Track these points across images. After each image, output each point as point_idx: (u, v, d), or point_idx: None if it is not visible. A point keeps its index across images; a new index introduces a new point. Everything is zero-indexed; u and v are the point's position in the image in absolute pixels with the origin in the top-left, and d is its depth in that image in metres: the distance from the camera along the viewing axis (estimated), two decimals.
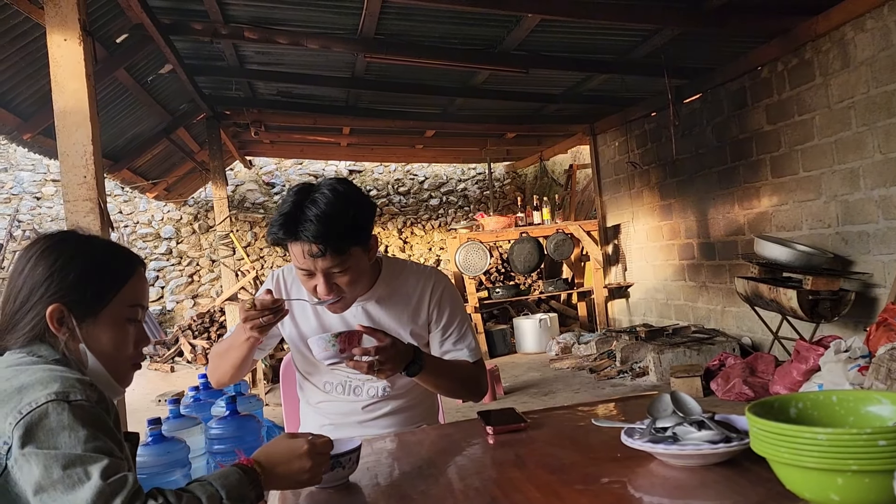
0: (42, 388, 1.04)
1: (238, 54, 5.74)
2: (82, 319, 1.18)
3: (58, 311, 1.16)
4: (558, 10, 4.56)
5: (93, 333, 1.19)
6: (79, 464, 0.98)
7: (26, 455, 0.99)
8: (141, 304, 1.26)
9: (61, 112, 2.81)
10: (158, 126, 7.21)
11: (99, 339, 1.20)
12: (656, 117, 6.96)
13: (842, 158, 4.74)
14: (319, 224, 1.52)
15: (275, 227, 1.58)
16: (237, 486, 1.09)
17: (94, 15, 4.26)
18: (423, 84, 6.50)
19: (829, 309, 4.63)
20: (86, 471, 0.97)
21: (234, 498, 1.07)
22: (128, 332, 1.24)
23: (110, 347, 1.21)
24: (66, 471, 0.97)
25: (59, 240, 1.23)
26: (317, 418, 1.85)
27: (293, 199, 1.58)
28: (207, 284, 10.07)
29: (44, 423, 1.01)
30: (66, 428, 1.01)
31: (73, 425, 1.01)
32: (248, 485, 1.11)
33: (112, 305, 1.21)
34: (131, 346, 1.25)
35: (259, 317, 1.55)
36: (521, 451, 1.38)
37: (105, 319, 1.20)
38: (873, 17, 4.36)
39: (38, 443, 0.99)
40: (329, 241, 1.54)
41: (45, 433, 1.00)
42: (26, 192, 10.19)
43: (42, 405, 1.02)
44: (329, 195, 1.56)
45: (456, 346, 1.80)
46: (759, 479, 1.07)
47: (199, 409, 3.74)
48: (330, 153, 10.00)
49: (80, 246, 1.23)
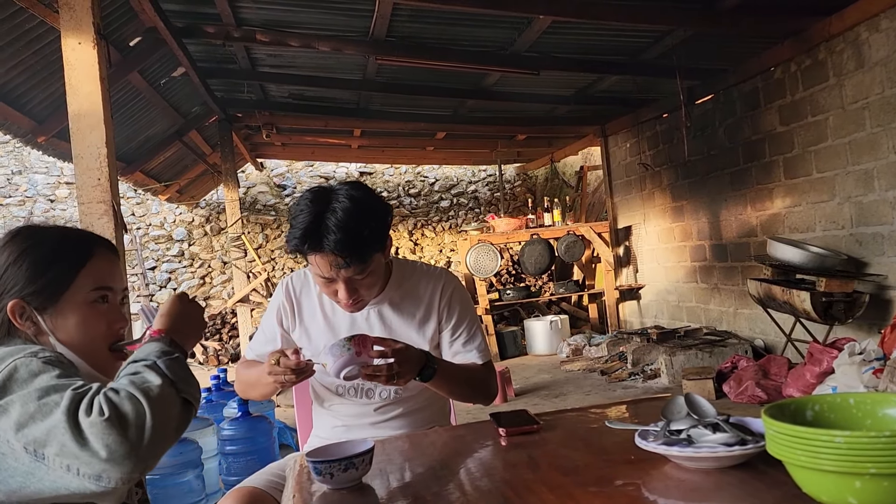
0: (10, 357, 1.05)
1: (250, 57, 5.77)
2: (43, 310, 1.18)
3: (18, 307, 1.17)
4: (569, 12, 4.55)
5: (58, 323, 1.19)
6: (53, 392, 0.99)
7: (3, 406, 0.99)
8: (106, 285, 1.25)
9: (76, 115, 2.83)
10: (171, 129, 7.26)
11: (66, 328, 1.20)
12: (668, 118, 6.93)
13: (856, 159, 4.70)
14: (343, 236, 1.52)
15: (296, 238, 1.56)
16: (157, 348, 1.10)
17: (107, 19, 4.29)
18: (434, 86, 6.50)
19: (842, 311, 4.59)
20: (60, 395, 0.98)
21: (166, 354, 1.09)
22: (96, 316, 1.23)
23: (79, 334, 1.21)
24: (41, 400, 0.98)
25: (14, 234, 1.23)
26: (329, 420, 1.86)
27: (312, 210, 1.56)
28: (219, 286, 10.12)
29: (15, 376, 1.02)
30: (39, 373, 1.02)
31: (44, 368, 1.03)
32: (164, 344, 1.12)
33: (72, 291, 1.20)
34: (103, 328, 1.24)
35: (283, 374, 1.53)
36: (533, 453, 1.38)
37: (68, 307, 1.20)
38: (888, 17, 4.33)
39: (12, 391, 1.00)
40: (354, 254, 1.54)
41: (18, 384, 1.01)
42: (40, 195, 10.27)
43: (10, 363, 1.03)
44: (349, 204, 1.55)
45: (465, 347, 1.80)
46: (776, 482, 1.06)
47: (212, 410, 3.77)
48: (341, 155, 10.03)
49: (31, 237, 1.23)
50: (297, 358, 1.52)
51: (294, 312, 1.83)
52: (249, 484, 1.69)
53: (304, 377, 1.55)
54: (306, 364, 1.52)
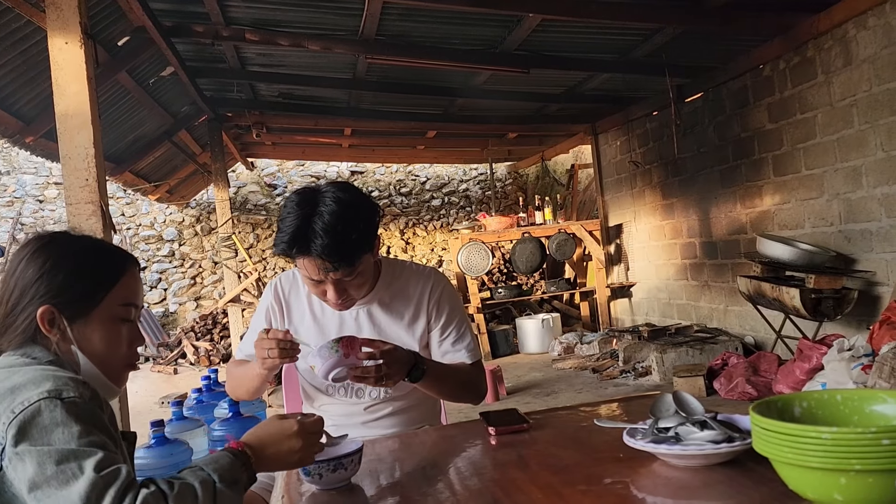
0: (34, 387, 1.04)
1: (239, 56, 5.75)
2: (73, 320, 1.18)
3: (48, 313, 1.16)
4: (559, 10, 4.55)
5: (84, 334, 1.19)
6: (72, 459, 0.97)
7: (20, 454, 0.98)
8: (134, 303, 1.25)
9: (63, 115, 2.81)
10: (160, 128, 7.23)
11: (91, 340, 1.19)
12: (658, 116, 6.95)
13: (844, 156, 4.73)
14: (330, 240, 1.51)
15: (283, 242, 1.56)
16: (229, 470, 1.09)
17: (95, 18, 4.27)
18: (425, 85, 6.50)
19: (832, 307, 4.62)
20: (80, 465, 0.97)
21: (226, 481, 1.07)
22: (120, 332, 1.23)
23: (102, 348, 1.20)
24: (59, 466, 0.97)
25: (49, 241, 1.22)
26: None
27: (299, 213, 1.55)
28: (210, 286, 10.08)
29: (36, 420, 1.00)
30: (60, 424, 1.00)
31: (66, 421, 1.01)
32: (240, 467, 1.11)
33: (103, 305, 1.20)
34: (125, 346, 1.24)
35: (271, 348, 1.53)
36: (523, 452, 1.38)
37: (96, 320, 1.19)
38: (875, 15, 4.35)
39: (32, 440, 0.99)
40: (343, 258, 1.54)
41: (38, 430, 1.00)
42: (29, 196, 10.21)
43: (34, 403, 1.01)
44: (336, 207, 1.54)
45: (454, 347, 1.80)
46: (763, 478, 1.07)
47: (203, 411, 3.75)
48: (331, 154, 10.01)
49: (69, 246, 1.23)
50: (285, 332, 1.53)
51: (283, 313, 1.82)
52: None
53: (290, 357, 1.55)
54: (293, 342, 1.53)
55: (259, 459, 1.16)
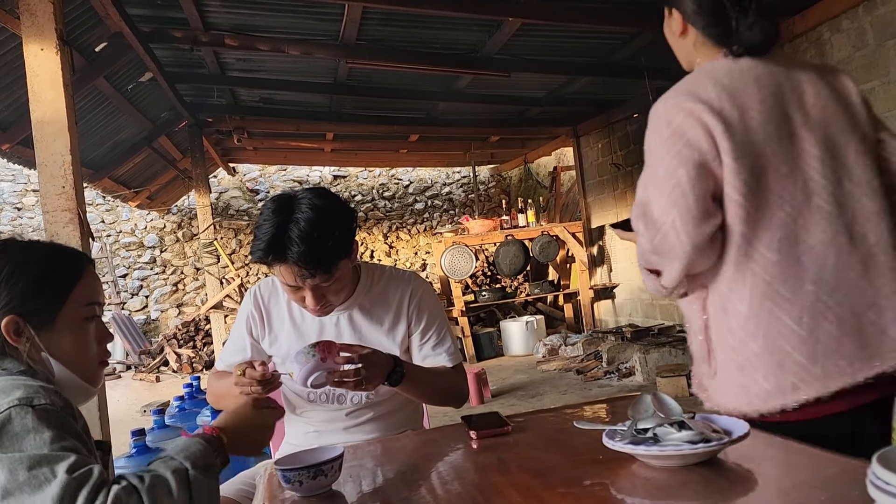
0: (4, 396, 1.03)
1: (219, 61, 5.72)
2: (39, 327, 1.17)
3: (13, 323, 1.14)
4: (539, 15, 4.58)
5: (53, 339, 1.18)
6: (45, 463, 0.97)
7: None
8: (96, 301, 1.25)
9: (39, 122, 2.79)
10: (140, 134, 7.17)
11: (60, 344, 1.18)
12: (639, 119, 7.01)
13: None
14: (307, 247, 1.51)
15: (259, 250, 1.55)
16: (201, 456, 1.08)
17: (72, 24, 4.23)
18: (406, 89, 6.51)
19: None
20: (52, 469, 0.96)
21: (200, 468, 1.06)
22: (88, 332, 1.22)
23: (73, 350, 1.20)
24: (31, 471, 0.96)
25: (2, 249, 1.20)
26: (301, 426, 1.85)
27: (275, 220, 1.55)
28: (192, 293, 10.01)
29: (7, 428, 0.99)
30: (31, 430, 0.99)
31: (37, 427, 1.00)
32: (213, 453, 1.11)
33: (67, 308, 1.19)
34: (94, 345, 1.23)
35: (248, 386, 1.51)
36: (504, 455, 1.38)
37: (63, 323, 1.19)
38: (849, 18, 4.42)
39: (3, 448, 0.98)
40: (319, 264, 1.54)
41: (9, 438, 0.99)
42: (7, 203, 10.09)
43: (5, 411, 1.01)
44: (312, 214, 1.54)
45: (435, 351, 1.80)
46: (739, 477, 1.08)
47: (185, 419, 3.72)
48: (314, 159, 9.99)
49: (23, 254, 1.21)
50: (263, 369, 1.51)
51: (263, 321, 1.81)
52: (220, 493, 1.67)
53: (271, 389, 1.53)
54: (272, 375, 1.51)
55: (232, 443, 1.17)
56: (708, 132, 1.31)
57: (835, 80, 1.43)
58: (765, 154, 1.32)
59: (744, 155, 1.30)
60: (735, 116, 1.32)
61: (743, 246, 1.31)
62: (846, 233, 1.31)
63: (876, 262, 1.31)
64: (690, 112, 1.34)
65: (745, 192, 1.30)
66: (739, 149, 1.30)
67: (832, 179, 1.33)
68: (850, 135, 1.37)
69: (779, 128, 1.34)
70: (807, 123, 1.36)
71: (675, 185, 1.31)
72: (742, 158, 1.30)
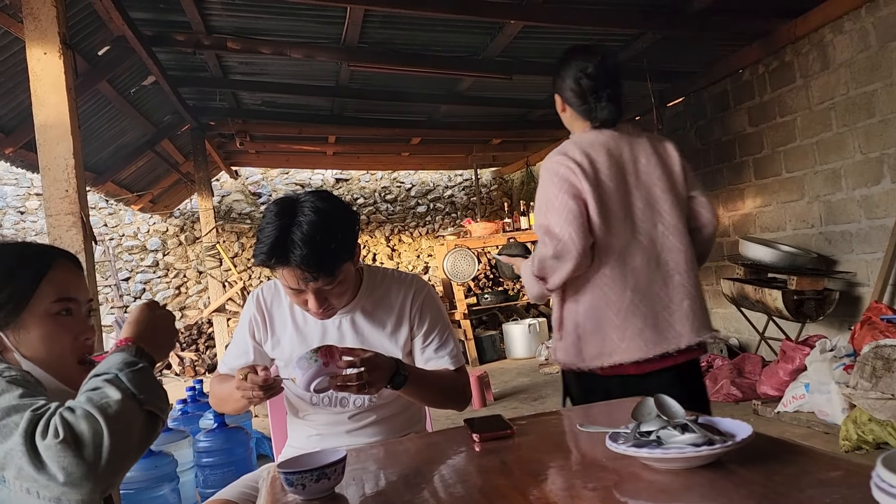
0: None
1: (221, 65, 5.73)
2: (5, 326, 1.17)
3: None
4: (540, 17, 4.58)
5: (22, 339, 1.18)
6: (14, 412, 0.98)
7: None
8: (69, 297, 1.24)
9: (42, 126, 2.79)
10: (142, 138, 7.18)
11: (30, 343, 1.18)
12: (640, 121, 7.00)
13: (823, 159, 4.78)
14: (309, 250, 1.51)
15: (262, 253, 1.55)
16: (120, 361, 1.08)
17: (75, 28, 4.24)
18: (408, 92, 6.51)
19: (813, 308, 4.66)
20: (21, 415, 0.97)
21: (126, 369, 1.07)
22: (60, 328, 1.22)
23: (44, 348, 1.19)
24: (1, 422, 0.97)
25: None
26: (304, 429, 1.85)
27: (278, 223, 1.55)
28: (195, 296, 10.02)
29: None
30: (3, 392, 1.01)
31: (6, 388, 1.02)
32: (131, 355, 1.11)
33: (32, 306, 1.19)
34: (68, 340, 1.22)
35: (250, 391, 1.52)
36: (506, 458, 1.38)
37: (30, 321, 1.19)
38: (851, 20, 4.42)
39: None
40: (322, 267, 1.54)
41: None
42: (10, 207, 10.10)
43: None
44: (314, 217, 1.54)
45: (437, 353, 1.80)
46: (743, 480, 1.08)
47: (187, 422, 3.72)
48: (316, 162, 9.99)
49: None
50: (264, 374, 1.51)
51: (266, 324, 1.81)
52: (223, 496, 1.67)
53: (273, 394, 1.53)
54: (274, 381, 1.51)
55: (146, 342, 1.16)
56: (578, 181, 1.95)
57: (662, 150, 2.09)
58: (609, 202, 1.97)
59: (597, 200, 1.94)
60: (592, 173, 1.97)
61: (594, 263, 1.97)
62: (655, 260, 1.99)
63: (673, 280, 1.99)
64: (567, 167, 1.99)
65: (599, 226, 1.95)
66: (595, 195, 1.94)
67: (650, 223, 2.01)
68: (666, 193, 2.03)
69: (618, 185, 1.99)
70: (637, 183, 2.03)
71: (568, 211, 1.93)
72: (596, 203, 1.94)
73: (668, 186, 2.04)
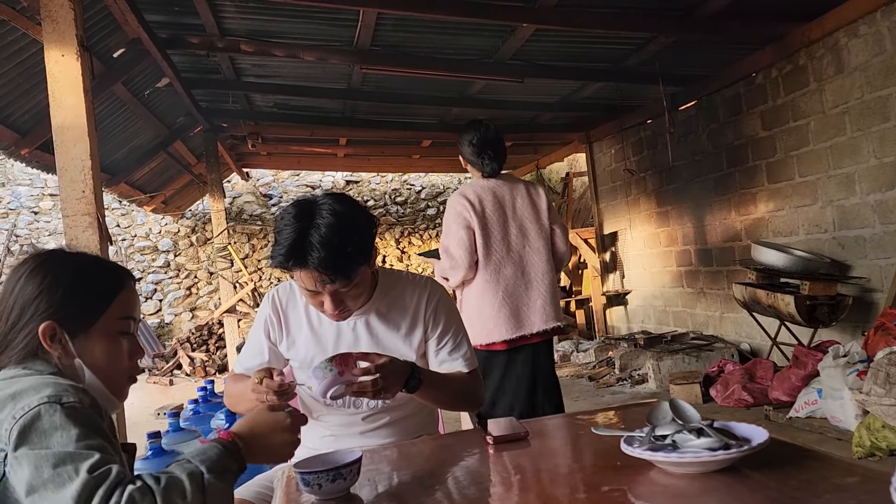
0: (35, 393, 1.05)
1: (234, 67, 5.77)
2: (74, 335, 1.19)
3: (49, 329, 1.17)
4: (552, 20, 4.58)
5: (86, 348, 1.20)
6: (69, 461, 0.98)
7: (19, 457, 0.99)
8: (132, 316, 1.27)
9: (59, 127, 2.82)
10: (156, 139, 7.24)
11: (93, 354, 1.21)
12: (652, 124, 6.99)
13: (837, 163, 4.76)
14: (327, 253, 1.51)
15: (280, 255, 1.56)
16: (218, 460, 1.10)
17: (91, 30, 4.28)
18: (419, 94, 6.52)
19: (826, 314, 4.63)
20: (76, 468, 0.98)
21: (216, 472, 1.08)
22: (121, 345, 1.24)
23: (104, 361, 1.22)
24: (56, 469, 0.98)
25: (46, 258, 1.23)
26: (318, 430, 1.85)
27: (296, 226, 1.55)
28: (206, 297, 10.07)
29: (36, 425, 1.01)
30: (59, 428, 1.01)
31: (65, 425, 1.02)
32: (230, 457, 1.12)
33: (103, 320, 1.22)
34: (126, 359, 1.25)
35: (265, 395, 1.52)
36: (520, 461, 1.38)
37: (97, 334, 1.21)
38: (866, 23, 4.40)
39: (31, 444, 1.00)
40: (339, 270, 1.54)
41: (37, 435, 1.01)
42: (24, 207, 10.19)
43: (35, 408, 1.03)
44: (332, 220, 1.55)
45: (451, 356, 1.81)
46: (759, 485, 1.08)
47: (199, 422, 3.73)
48: (327, 164, 10.03)
49: (67, 263, 1.24)
50: (280, 380, 1.52)
51: (281, 324, 1.82)
52: (237, 496, 1.68)
53: (287, 399, 1.54)
54: (289, 386, 1.52)
55: (249, 450, 1.17)
56: (469, 216, 2.84)
57: (535, 193, 2.97)
58: (491, 230, 2.87)
59: (482, 229, 2.85)
60: (480, 210, 2.86)
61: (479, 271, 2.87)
62: (521, 271, 2.89)
63: (532, 286, 2.89)
64: (462, 205, 2.86)
65: (482, 246, 2.85)
66: (481, 225, 2.85)
67: (520, 246, 2.90)
68: (534, 224, 2.93)
69: (498, 218, 2.89)
70: (513, 217, 2.91)
71: (460, 238, 2.84)
72: (481, 230, 2.85)
73: (536, 220, 2.93)
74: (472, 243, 2.82)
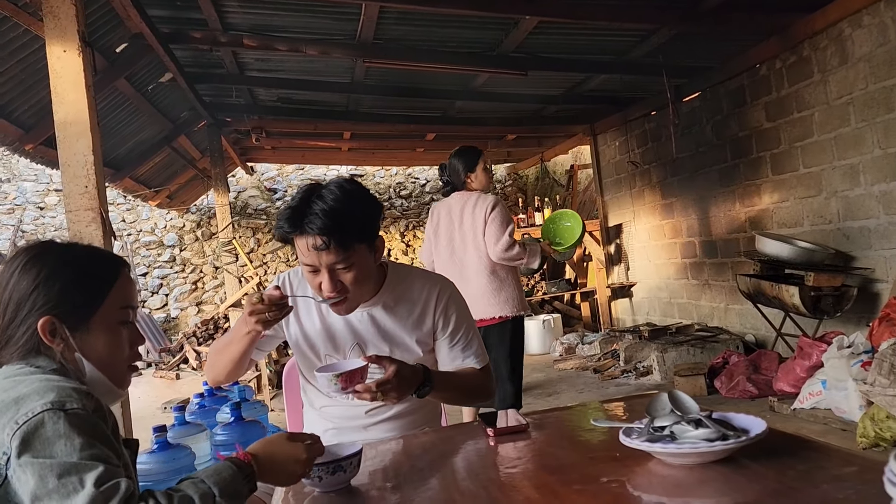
0: (38, 398, 1.04)
1: (238, 62, 5.76)
2: (75, 328, 1.19)
3: (49, 324, 1.16)
4: (556, 12, 4.57)
5: (87, 341, 1.20)
6: (74, 472, 0.98)
7: (23, 465, 0.99)
8: (130, 305, 1.27)
9: (62, 123, 2.83)
10: (159, 134, 7.25)
11: (94, 346, 1.20)
12: (656, 116, 6.97)
13: (842, 154, 4.74)
14: (325, 217, 1.55)
15: (281, 220, 1.61)
16: (230, 482, 1.10)
17: (93, 26, 4.29)
18: (423, 88, 6.51)
19: (831, 305, 4.63)
20: (80, 479, 0.98)
21: (227, 494, 1.08)
22: (121, 335, 1.24)
23: (106, 352, 1.22)
24: (61, 480, 0.97)
25: (39, 251, 1.22)
26: (320, 422, 1.86)
27: (301, 196, 1.61)
28: (211, 291, 10.10)
29: (40, 432, 1.01)
30: (62, 436, 1.01)
31: (68, 434, 1.01)
32: (242, 480, 1.12)
33: (102, 311, 1.21)
34: (126, 348, 1.26)
35: (265, 311, 1.56)
36: (521, 453, 1.39)
37: (97, 325, 1.21)
38: (870, 14, 4.37)
39: (35, 452, 1.00)
40: (333, 234, 1.56)
41: (41, 442, 1.00)
42: (29, 203, 10.23)
43: (38, 414, 1.02)
44: (336, 192, 1.60)
45: (464, 353, 1.82)
46: (756, 475, 1.08)
47: (205, 416, 3.75)
48: (331, 158, 10.03)
49: (61, 255, 1.23)
50: (280, 293, 1.57)
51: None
52: None
53: (285, 314, 1.59)
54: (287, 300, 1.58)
55: (263, 473, 1.18)
56: (431, 226, 3.78)
57: (479, 208, 3.60)
58: (441, 238, 3.71)
59: (434, 236, 3.75)
60: (436, 221, 3.75)
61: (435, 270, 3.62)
62: (460, 271, 3.59)
63: (469, 283, 3.54)
64: (430, 214, 3.81)
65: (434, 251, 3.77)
66: (434, 234, 3.75)
67: (462, 251, 3.65)
68: (474, 232, 3.60)
69: (447, 228, 3.69)
70: (459, 226, 3.65)
71: (426, 243, 3.85)
72: (434, 238, 3.75)
73: (474, 229, 3.60)
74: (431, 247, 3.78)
